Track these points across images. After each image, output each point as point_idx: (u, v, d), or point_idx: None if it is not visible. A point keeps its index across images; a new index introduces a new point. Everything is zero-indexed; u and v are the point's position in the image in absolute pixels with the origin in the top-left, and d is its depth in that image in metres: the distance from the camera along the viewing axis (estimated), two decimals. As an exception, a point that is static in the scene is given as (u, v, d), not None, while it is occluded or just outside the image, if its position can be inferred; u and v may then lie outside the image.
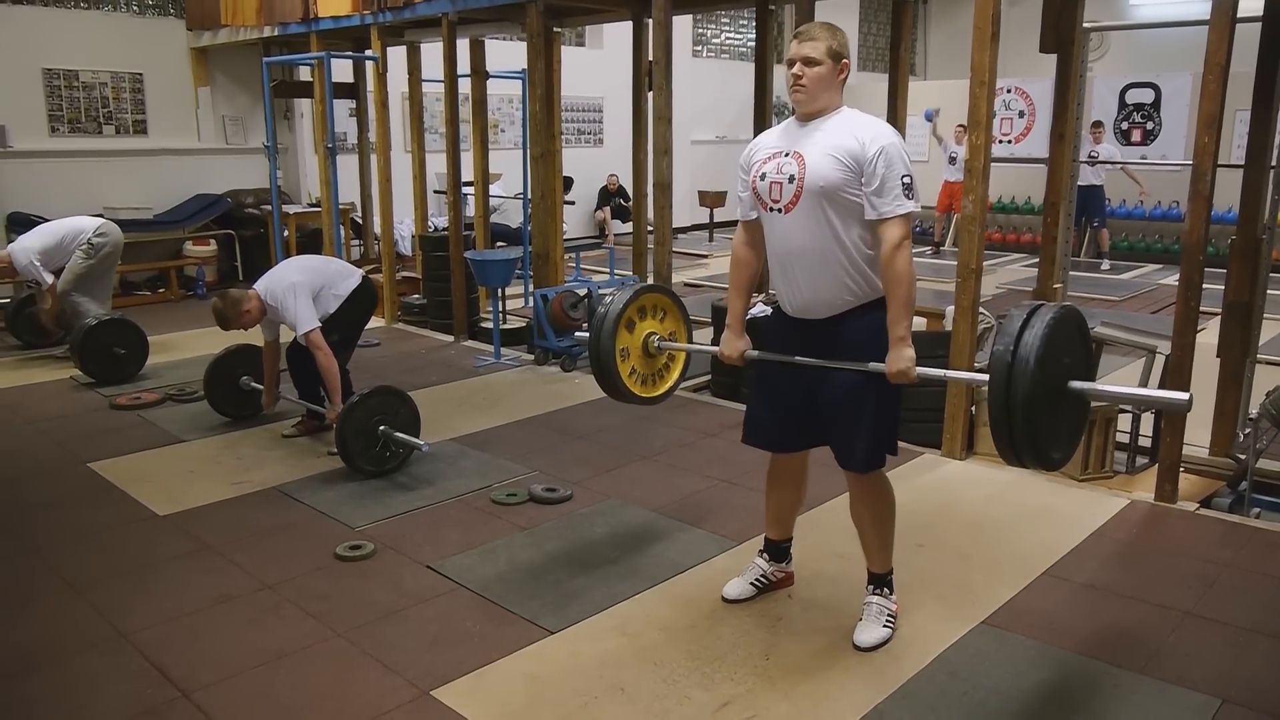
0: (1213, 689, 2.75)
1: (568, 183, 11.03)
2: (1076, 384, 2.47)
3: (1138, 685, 2.77)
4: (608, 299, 3.25)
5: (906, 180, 2.70)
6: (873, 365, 2.78)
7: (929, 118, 12.27)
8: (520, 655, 2.97)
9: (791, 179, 2.77)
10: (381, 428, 4.38)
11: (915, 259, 2.85)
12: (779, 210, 2.83)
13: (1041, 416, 2.37)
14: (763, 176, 2.85)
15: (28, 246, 6.19)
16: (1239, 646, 2.99)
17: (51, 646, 3.04)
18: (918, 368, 2.74)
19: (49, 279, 6.17)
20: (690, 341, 3.45)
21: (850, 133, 2.73)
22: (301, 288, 4.62)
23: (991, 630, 3.08)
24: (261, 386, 5.16)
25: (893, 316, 2.75)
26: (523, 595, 3.33)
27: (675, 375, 3.42)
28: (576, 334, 3.37)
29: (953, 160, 11.84)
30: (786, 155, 2.81)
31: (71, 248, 6.30)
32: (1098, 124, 11.04)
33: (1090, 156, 10.55)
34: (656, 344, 3.29)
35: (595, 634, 3.09)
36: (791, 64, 2.77)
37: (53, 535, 3.87)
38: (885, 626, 3.00)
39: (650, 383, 3.36)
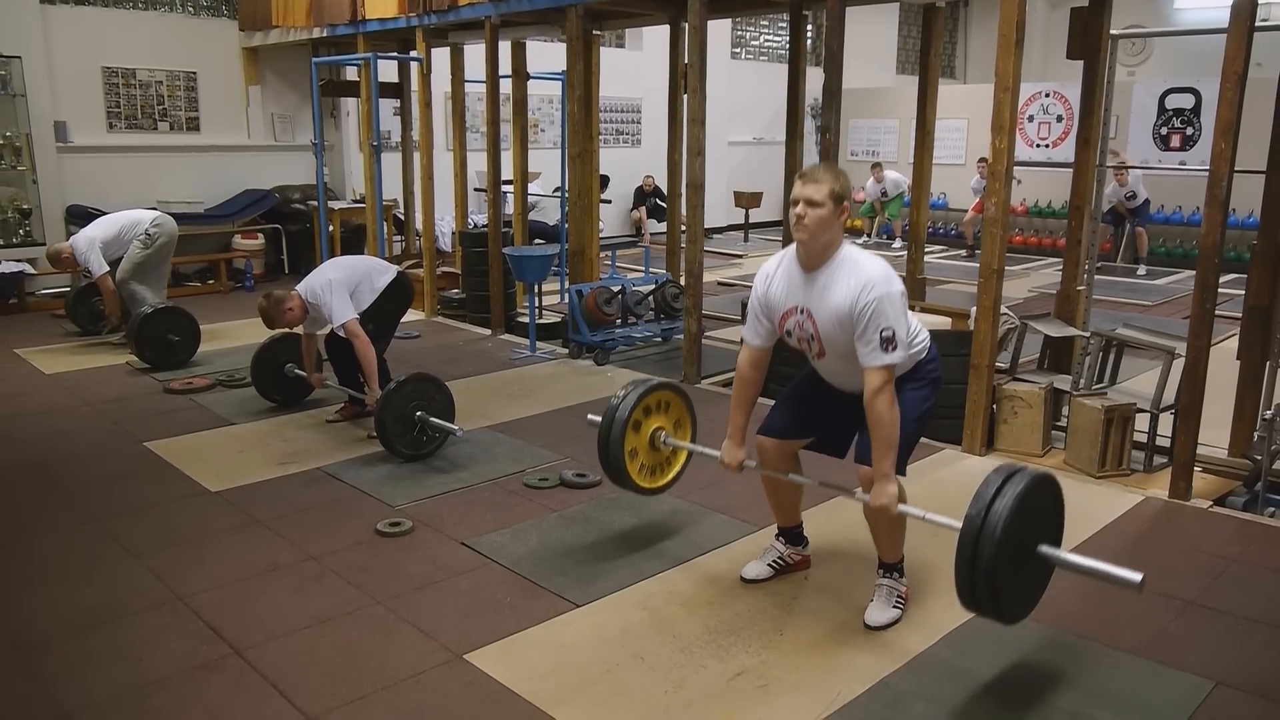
0: (1208, 672, 2.87)
1: (604, 181, 11.23)
2: (1044, 549, 2.65)
3: (1135, 666, 2.90)
4: (619, 395, 3.50)
5: (886, 335, 2.87)
6: (859, 494, 3.05)
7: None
8: (548, 625, 3.16)
9: (813, 338, 3.04)
10: (418, 413, 4.59)
11: (948, 263, 3.01)
12: (813, 355, 3.13)
13: (1003, 578, 2.55)
14: (789, 333, 3.11)
15: (90, 236, 6.49)
16: (1238, 635, 3.11)
17: (114, 606, 3.28)
18: (900, 505, 2.96)
19: (103, 268, 6.44)
20: (694, 433, 3.71)
21: (845, 292, 2.91)
22: (338, 284, 4.87)
23: (998, 613, 3.21)
24: (302, 373, 5.41)
25: (876, 454, 2.94)
26: (551, 571, 3.52)
27: (678, 467, 3.71)
28: (589, 417, 3.62)
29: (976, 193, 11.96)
30: (802, 313, 3.03)
31: (129, 239, 6.60)
32: (1114, 155, 11.17)
33: (1127, 198, 10.75)
34: (663, 440, 3.56)
35: (619, 608, 3.27)
36: (795, 203, 2.94)
37: (113, 507, 4.12)
38: (895, 607, 3.15)
39: (656, 474, 3.63)
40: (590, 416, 3.65)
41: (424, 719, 2.66)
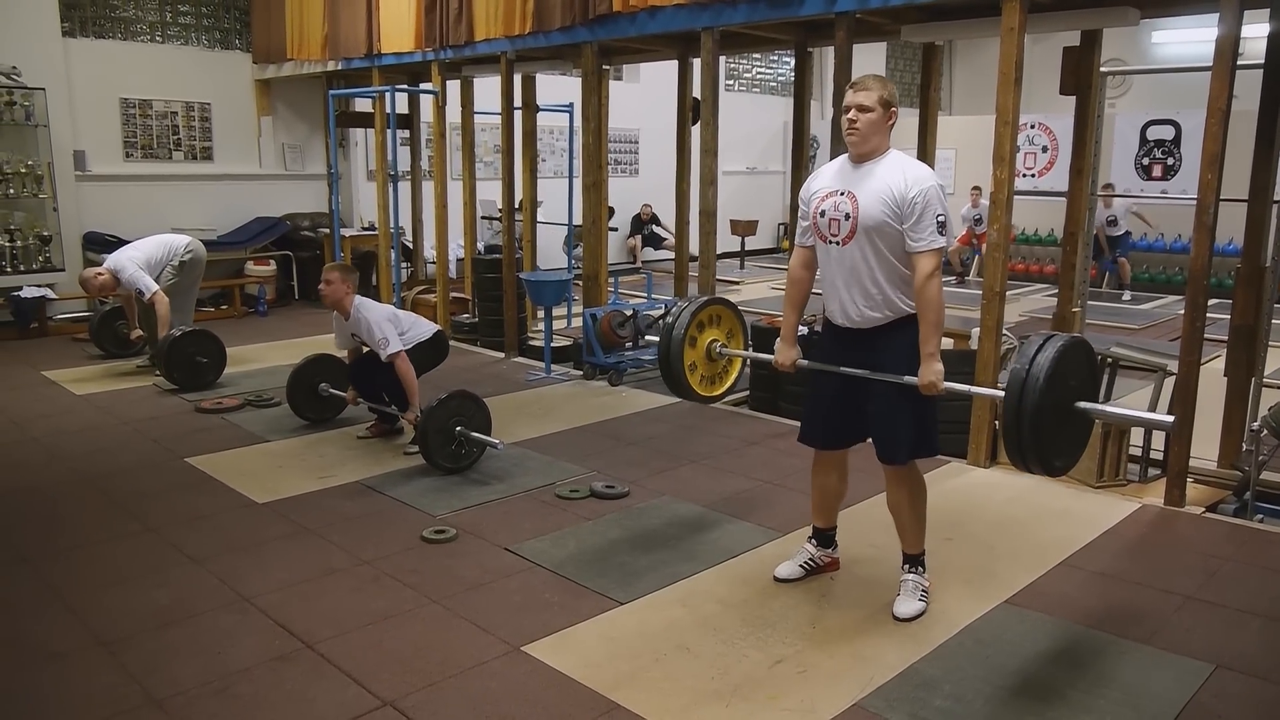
0: (1209, 657, 3.13)
1: (610, 212, 11.52)
2: (1082, 404, 2.90)
3: (1140, 652, 3.16)
4: (673, 312, 3.73)
5: (941, 219, 3.14)
6: (907, 378, 3.21)
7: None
8: (595, 621, 3.39)
9: (847, 216, 3.23)
10: (459, 428, 4.82)
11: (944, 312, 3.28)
12: (836, 242, 3.29)
13: (1048, 428, 2.79)
14: (822, 213, 3.30)
15: (132, 258, 6.68)
16: (1234, 624, 3.37)
17: (185, 606, 3.49)
18: (945, 382, 3.16)
19: (154, 288, 6.63)
20: (746, 340, 3.95)
21: (896, 175, 3.17)
22: (392, 321, 5.25)
23: (1013, 608, 3.47)
24: (336, 393, 5.66)
25: (924, 335, 3.18)
26: (593, 573, 3.75)
27: (734, 374, 3.95)
28: (645, 338, 3.85)
29: (979, 221, 12.22)
30: (842, 194, 3.25)
31: (163, 262, 6.82)
32: (1107, 187, 11.55)
33: (1108, 221, 11.15)
34: (719, 350, 3.75)
35: (660, 605, 3.51)
36: (847, 110, 3.22)
37: (168, 518, 4.32)
38: (920, 600, 3.40)
39: (715, 382, 3.86)
40: (648, 337, 3.89)
41: (494, 702, 2.88)
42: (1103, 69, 5.59)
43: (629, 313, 7.17)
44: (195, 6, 10.12)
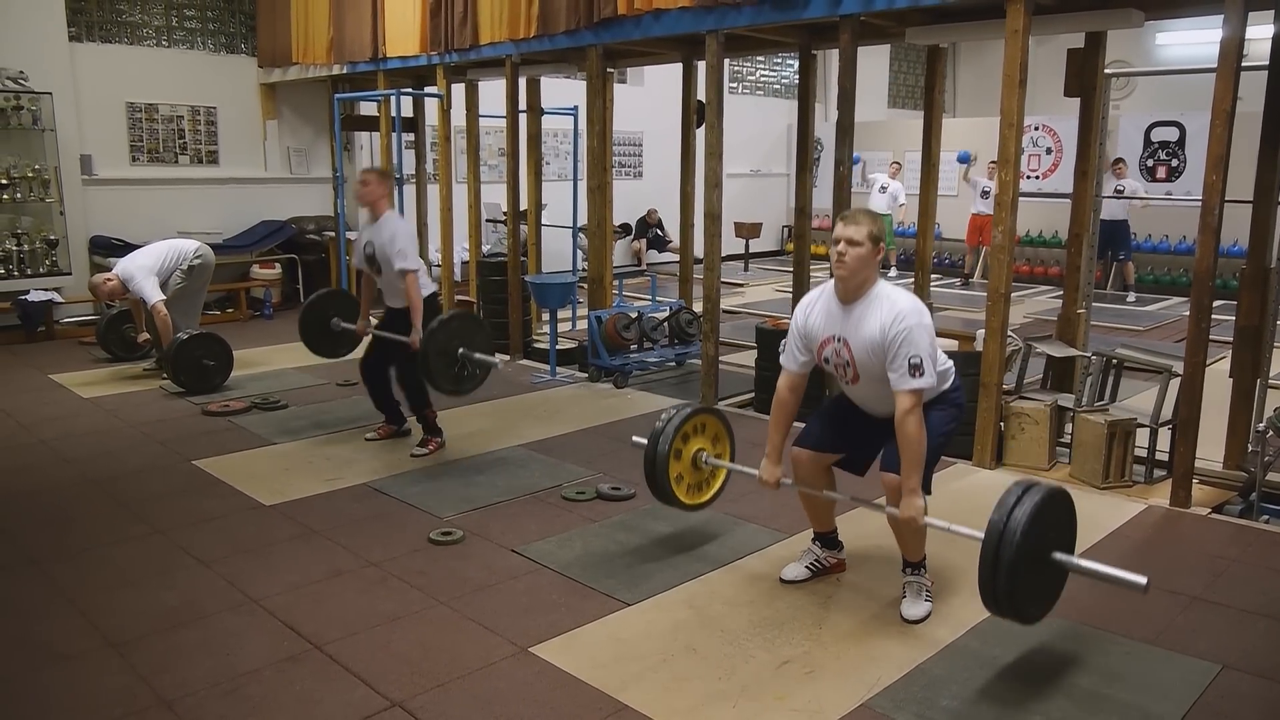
0: (1215, 657, 3.14)
1: (625, 229, 11.54)
2: (1059, 555, 2.94)
3: (1148, 652, 3.17)
4: (659, 424, 3.78)
5: (915, 361, 3.18)
6: (889, 509, 3.32)
7: (963, 160, 12.77)
8: (603, 622, 3.40)
9: (848, 364, 3.34)
10: (461, 350, 4.84)
11: (945, 290, 3.32)
12: (847, 380, 3.41)
13: (1021, 580, 2.84)
14: (826, 360, 3.42)
15: (140, 265, 6.70)
16: (1240, 625, 3.38)
17: (194, 608, 3.50)
18: (925, 518, 3.24)
19: (158, 296, 6.65)
20: (733, 447, 4.00)
21: (878, 322, 3.23)
22: (414, 241, 5.26)
23: (1019, 609, 3.47)
24: (348, 326, 5.70)
25: (904, 472, 3.24)
26: (600, 574, 3.76)
27: (719, 483, 4.00)
28: (633, 439, 3.93)
29: (985, 194, 12.26)
30: (839, 341, 3.34)
31: (172, 267, 6.84)
32: (1119, 160, 11.45)
33: (1116, 191, 10.99)
34: (705, 460, 3.86)
35: (667, 606, 3.52)
36: (836, 242, 3.27)
37: (176, 520, 4.34)
38: (927, 600, 3.41)
39: (700, 490, 3.94)
40: (635, 439, 3.92)
41: (502, 703, 2.89)
42: (1107, 71, 5.59)
43: (634, 315, 7.19)
44: (201, 11, 10.16)
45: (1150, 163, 12.33)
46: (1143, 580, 2.78)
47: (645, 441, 3.78)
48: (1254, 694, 2.96)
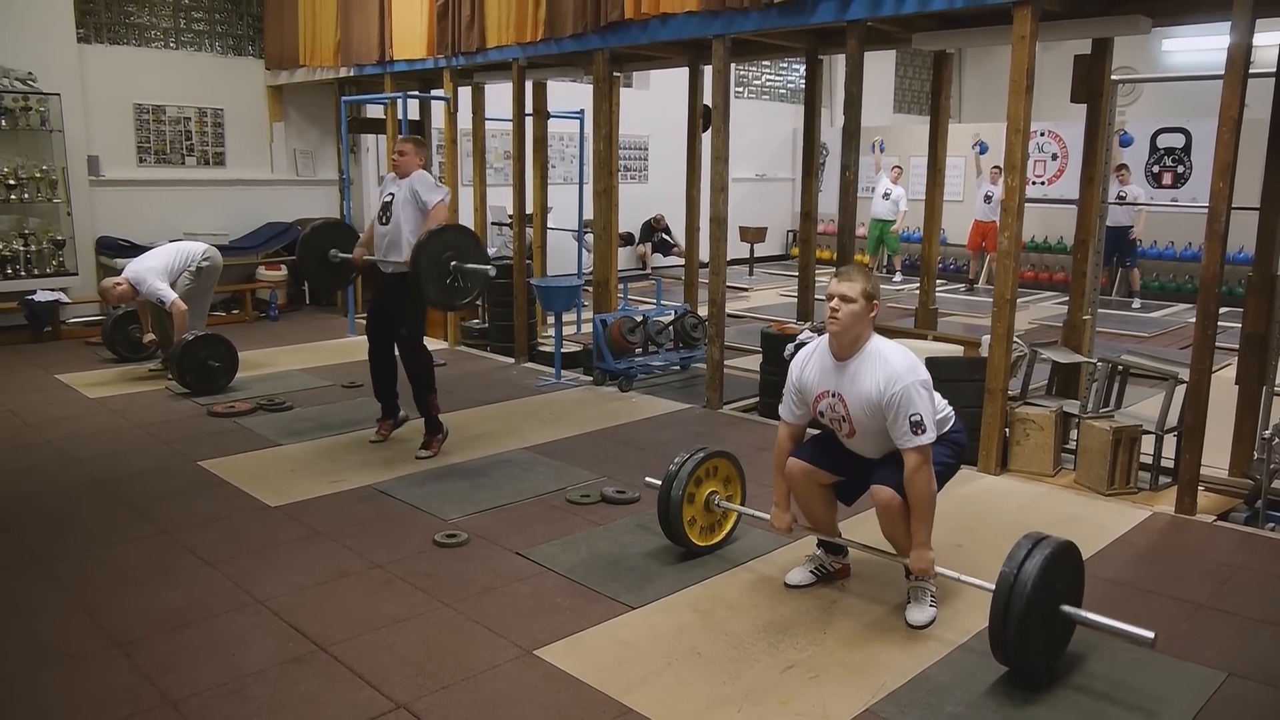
0: (1221, 665, 3.13)
1: (630, 238, 11.55)
2: (1067, 608, 2.99)
3: (1153, 660, 3.16)
4: (672, 470, 3.85)
5: (915, 419, 3.21)
6: (904, 565, 3.40)
7: (983, 151, 12.84)
8: (607, 625, 3.40)
9: (844, 419, 3.38)
10: (453, 262, 4.85)
11: (950, 296, 3.35)
12: (843, 434, 3.46)
13: (1031, 630, 2.88)
14: (821, 414, 3.45)
15: (150, 267, 6.73)
16: (1246, 633, 3.37)
17: (199, 608, 3.51)
18: (937, 568, 3.31)
19: (172, 296, 6.68)
20: (743, 487, 4.08)
21: (874, 380, 3.26)
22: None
23: (1024, 615, 3.47)
24: (345, 256, 5.68)
25: (915, 523, 3.29)
26: (604, 578, 3.77)
27: (730, 524, 4.07)
28: (647, 480, 3.99)
29: (988, 199, 12.27)
30: (834, 396, 3.38)
31: (180, 269, 6.86)
32: (1122, 166, 11.44)
33: (1119, 197, 10.98)
34: (717, 504, 3.93)
35: (671, 610, 3.52)
36: (830, 298, 3.29)
37: (182, 520, 4.35)
38: (931, 606, 3.41)
39: (712, 531, 4.01)
40: (648, 480, 3.98)
41: (506, 706, 2.89)
42: (1114, 77, 5.59)
43: (639, 319, 7.20)
44: (208, 13, 10.18)
45: (1156, 169, 12.32)
46: (1150, 635, 2.84)
47: (659, 484, 3.86)
48: (1260, 701, 2.95)
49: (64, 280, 8.89)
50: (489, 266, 4.87)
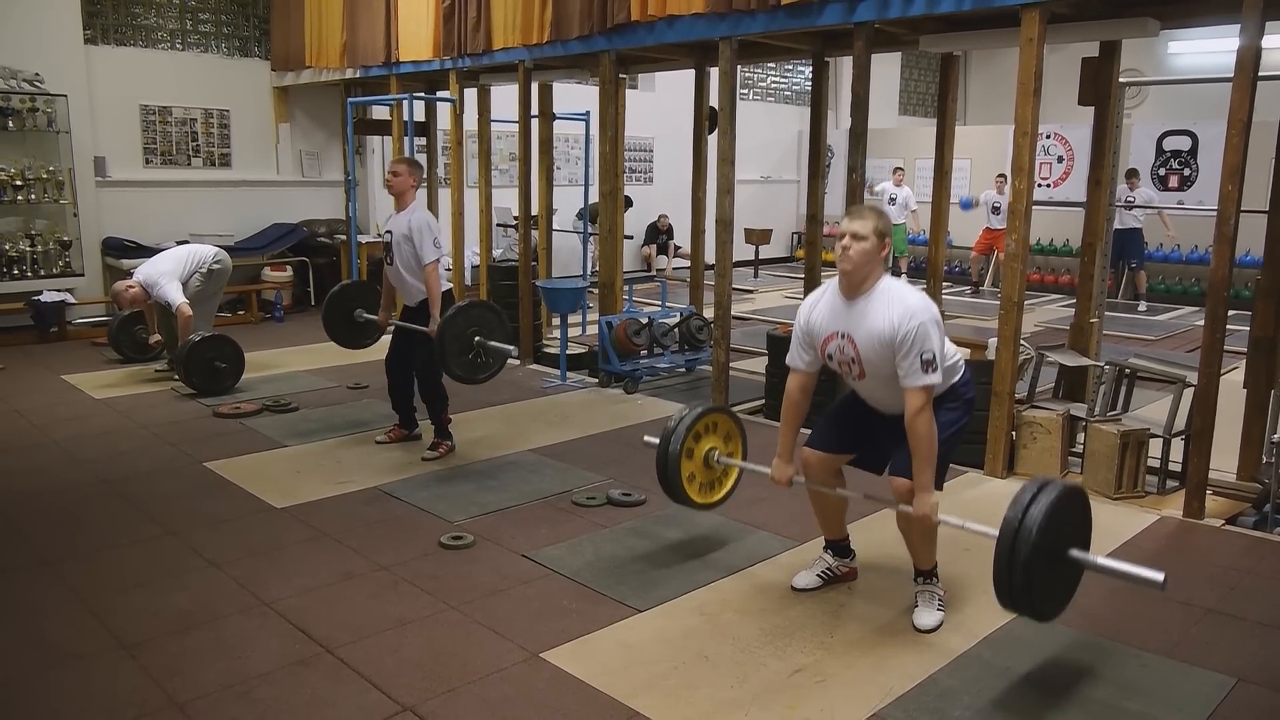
0: (1230, 670, 3.12)
1: (627, 202, 11.49)
2: (1075, 552, 2.91)
3: (1162, 665, 3.15)
4: (671, 424, 3.76)
5: (927, 357, 3.15)
6: (902, 507, 3.28)
7: (965, 206, 12.76)
8: (614, 628, 3.39)
9: (854, 361, 3.30)
10: (477, 338, 4.87)
11: (954, 299, 3.30)
12: (853, 377, 3.38)
13: (1038, 576, 2.80)
14: (830, 356, 3.38)
15: (161, 270, 6.73)
16: (1256, 638, 3.36)
17: (206, 610, 3.50)
18: (940, 515, 3.22)
19: (181, 299, 6.67)
20: (744, 445, 3.97)
21: (887, 316, 3.19)
22: (436, 232, 5.21)
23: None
24: (370, 317, 5.74)
25: (916, 465, 3.21)
26: (611, 580, 3.76)
27: (732, 481, 3.96)
28: (645, 439, 3.90)
29: (996, 210, 12.22)
30: (843, 337, 3.30)
31: (191, 272, 6.87)
32: (1133, 172, 11.42)
33: (1127, 201, 10.97)
34: (717, 459, 3.83)
35: (678, 613, 3.51)
36: (841, 236, 3.24)
37: (188, 521, 4.35)
38: (939, 610, 3.40)
39: (712, 489, 3.91)
40: (647, 438, 3.90)
41: (512, 708, 2.89)
42: (1121, 79, 5.58)
43: (644, 321, 7.19)
44: (215, 15, 10.20)
45: (1162, 172, 12.29)
46: (1159, 576, 2.75)
47: (657, 441, 3.77)
48: (1270, 707, 2.94)
49: (70, 281, 8.92)
50: (513, 348, 4.94)
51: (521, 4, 7.27)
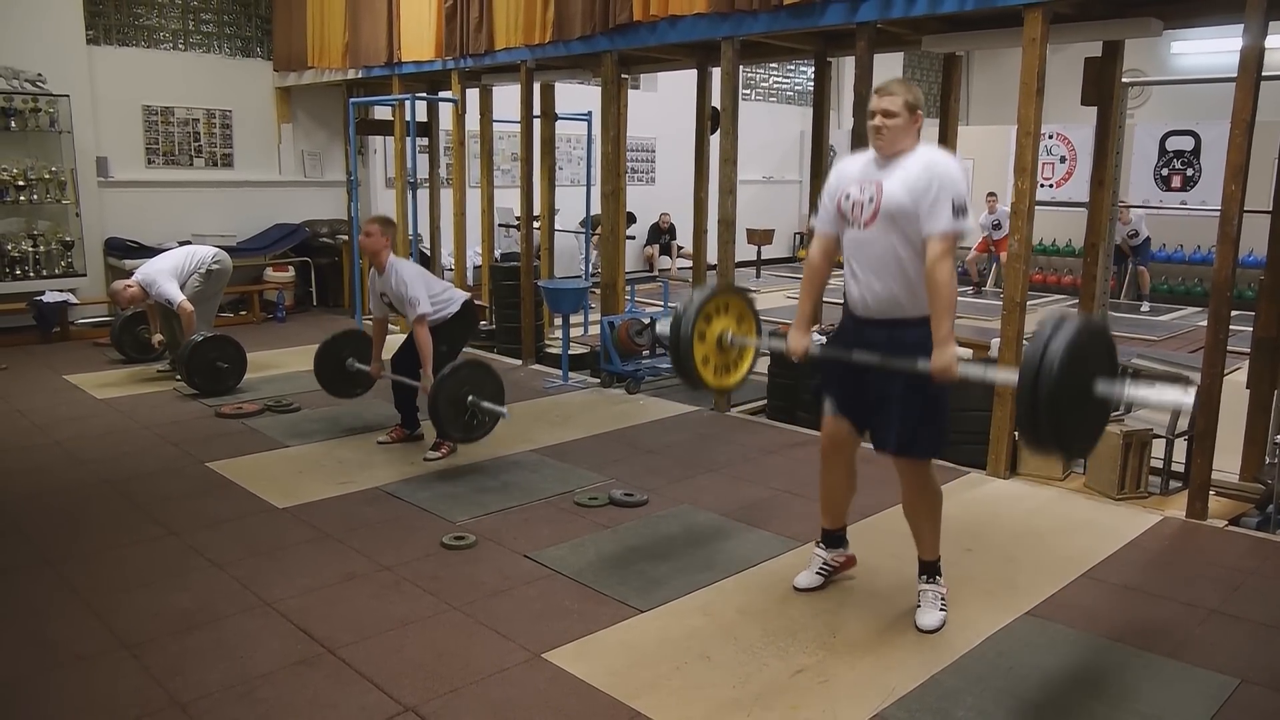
0: (1233, 671, 3.11)
1: (629, 218, 11.54)
2: (1100, 385, 2.81)
3: (1165, 666, 3.14)
4: (681, 307, 3.61)
5: (958, 203, 3.10)
6: (922, 363, 3.14)
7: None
8: (616, 629, 3.39)
9: (871, 200, 3.22)
10: (470, 398, 4.87)
11: (959, 299, 3.25)
12: (859, 226, 3.27)
13: (1064, 412, 2.68)
14: (847, 197, 3.30)
15: (160, 269, 6.73)
16: (1259, 639, 3.35)
17: (208, 610, 3.50)
18: (960, 365, 3.09)
19: (181, 297, 6.68)
20: (757, 324, 3.77)
21: (920, 165, 3.16)
22: (424, 284, 5.23)
23: (1035, 619, 3.46)
24: (363, 367, 5.71)
25: (935, 318, 3.12)
26: (613, 581, 3.75)
27: (748, 362, 3.76)
28: (657, 329, 3.74)
29: (997, 227, 12.20)
30: (871, 184, 3.24)
31: (190, 272, 6.87)
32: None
33: (1130, 236, 11.22)
34: (730, 339, 3.66)
35: (680, 613, 3.50)
36: (872, 115, 3.22)
37: (190, 522, 4.35)
38: (941, 610, 3.39)
39: (729, 370, 3.71)
40: (659, 327, 3.78)
41: (515, 709, 2.88)
42: (1124, 80, 5.57)
43: (646, 321, 7.19)
44: (217, 15, 10.21)
45: (1165, 172, 12.28)
46: (1188, 399, 2.64)
47: (668, 332, 3.62)
48: (1273, 708, 2.93)
49: (72, 281, 8.93)
50: (505, 410, 4.97)
51: (523, 4, 7.27)
